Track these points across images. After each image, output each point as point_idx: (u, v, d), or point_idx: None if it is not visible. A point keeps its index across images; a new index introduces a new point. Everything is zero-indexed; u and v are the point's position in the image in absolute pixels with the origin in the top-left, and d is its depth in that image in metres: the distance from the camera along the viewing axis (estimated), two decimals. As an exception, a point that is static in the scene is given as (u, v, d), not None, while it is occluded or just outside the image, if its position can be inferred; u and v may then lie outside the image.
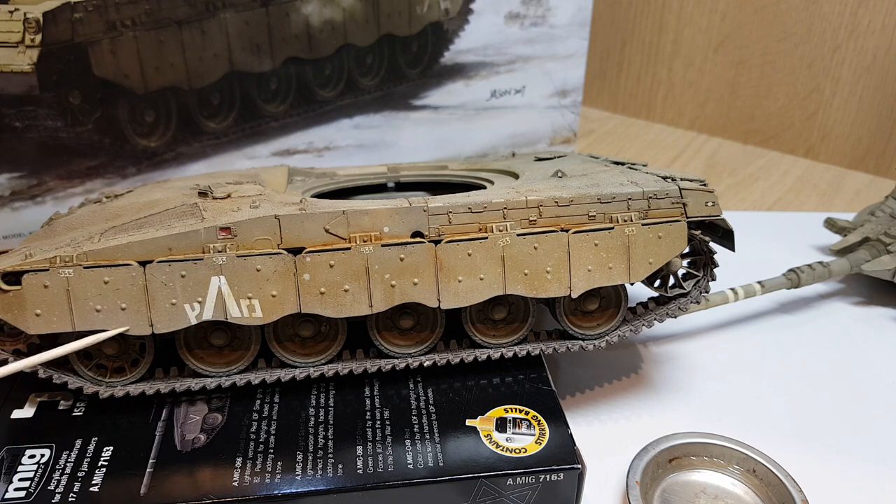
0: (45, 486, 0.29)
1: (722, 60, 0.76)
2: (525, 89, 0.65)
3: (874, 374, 0.43)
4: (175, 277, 0.31)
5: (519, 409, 0.34)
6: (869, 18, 0.67)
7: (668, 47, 0.79)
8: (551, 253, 0.33)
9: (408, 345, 0.35)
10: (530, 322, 0.36)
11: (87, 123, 0.51)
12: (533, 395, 0.35)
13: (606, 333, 0.37)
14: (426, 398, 0.35)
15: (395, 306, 0.33)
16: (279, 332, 0.34)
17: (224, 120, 0.55)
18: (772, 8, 0.72)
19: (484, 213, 0.33)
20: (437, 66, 0.61)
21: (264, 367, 0.35)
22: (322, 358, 0.35)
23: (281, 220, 0.32)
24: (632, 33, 0.81)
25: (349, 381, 0.36)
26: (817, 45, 0.71)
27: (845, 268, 0.48)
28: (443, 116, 0.63)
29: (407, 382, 0.36)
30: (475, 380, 0.36)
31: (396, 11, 0.58)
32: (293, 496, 0.29)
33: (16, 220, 0.53)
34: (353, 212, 0.32)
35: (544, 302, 0.37)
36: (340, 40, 0.57)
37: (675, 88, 0.80)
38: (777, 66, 0.74)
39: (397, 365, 0.35)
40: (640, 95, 0.83)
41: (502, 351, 0.36)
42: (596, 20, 0.81)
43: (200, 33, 0.52)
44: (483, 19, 0.61)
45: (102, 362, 0.33)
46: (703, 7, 0.75)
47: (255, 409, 0.34)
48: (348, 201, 0.34)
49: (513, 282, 0.33)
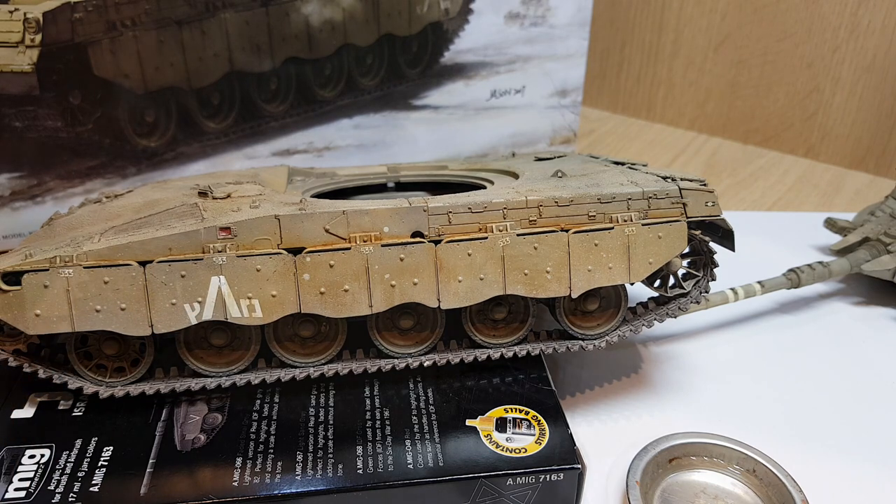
0: (45, 486, 0.29)
1: (722, 60, 0.76)
2: (525, 89, 0.65)
3: (874, 373, 0.43)
4: (175, 277, 0.31)
5: (519, 409, 0.34)
6: (869, 18, 0.67)
7: (668, 47, 0.79)
8: (551, 253, 0.33)
9: (408, 345, 0.35)
10: (530, 322, 0.36)
11: (87, 123, 0.51)
12: (533, 395, 0.35)
13: (606, 333, 0.37)
14: (426, 398, 0.35)
15: (395, 306, 0.33)
16: (279, 332, 0.34)
17: (224, 120, 0.55)
18: (772, 8, 0.72)
19: (484, 213, 0.33)
20: (437, 66, 0.61)
21: (264, 367, 0.35)
22: (322, 358, 0.35)
23: (281, 220, 0.32)
24: (632, 33, 0.81)
25: (349, 381, 0.36)
26: (817, 45, 0.71)
27: (845, 268, 0.48)
28: (443, 116, 0.63)
29: (407, 382, 0.36)
30: (475, 380, 0.36)
31: (396, 11, 0.58)
32: (293, 496, 0.30)
33: (16, 220, 0.53)
34: (353, 212, 0.32)
35: (544, 302, 0.37)
36: (340, 40, 0.57)
37: (675, 88, 0.80)
38: (777, 66, 0.74)
39: (397, 365, 0.35)
40: (640, 95, 0.83)
41: (502, 351, 0.36)
42: (596, 20, 0.81)
43: (200, 33, 0.52)
44: (483, 19, 0.61)
45: (102, 362, 0.33)
46: (703, 7, 0.75)
47: (255, 409, 0.34)
48: (348, 201, 0.34)
49: (513, 282, 0.33)
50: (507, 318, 0.36)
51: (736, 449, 0.35)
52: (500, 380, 0.36)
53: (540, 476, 0.31)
